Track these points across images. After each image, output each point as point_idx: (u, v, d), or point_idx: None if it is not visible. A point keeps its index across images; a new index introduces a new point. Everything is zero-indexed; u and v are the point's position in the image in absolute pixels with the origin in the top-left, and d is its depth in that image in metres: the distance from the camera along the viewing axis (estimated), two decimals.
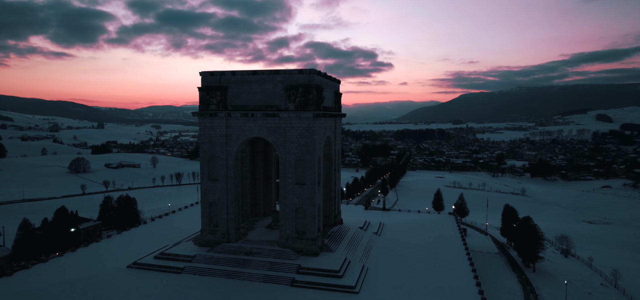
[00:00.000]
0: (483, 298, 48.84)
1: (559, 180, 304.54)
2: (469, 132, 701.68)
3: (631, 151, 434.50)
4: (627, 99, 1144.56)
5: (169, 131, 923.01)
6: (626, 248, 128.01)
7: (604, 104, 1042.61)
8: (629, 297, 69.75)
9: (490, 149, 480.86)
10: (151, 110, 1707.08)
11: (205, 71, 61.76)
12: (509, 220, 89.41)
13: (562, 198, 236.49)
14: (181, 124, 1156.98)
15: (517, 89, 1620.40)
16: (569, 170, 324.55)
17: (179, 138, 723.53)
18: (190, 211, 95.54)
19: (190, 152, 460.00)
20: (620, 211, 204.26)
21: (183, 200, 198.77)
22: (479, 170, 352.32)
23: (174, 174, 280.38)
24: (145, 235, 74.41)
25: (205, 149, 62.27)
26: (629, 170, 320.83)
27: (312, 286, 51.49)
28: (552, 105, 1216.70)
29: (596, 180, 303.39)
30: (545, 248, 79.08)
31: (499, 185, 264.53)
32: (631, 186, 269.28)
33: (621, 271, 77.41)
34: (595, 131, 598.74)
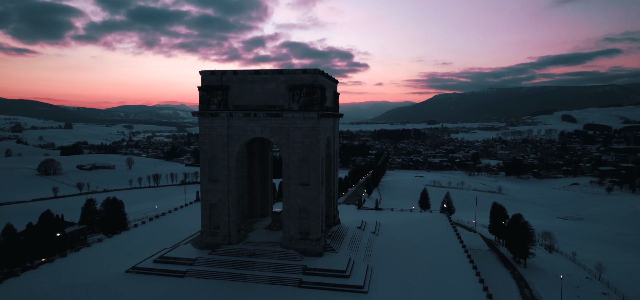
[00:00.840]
0: (488, 294, 50.14)
1: (531, 178, 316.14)
2: (444, 132, 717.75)
3: (595, 150, 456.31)
4: (589, 100, 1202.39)
5: (141, 131, 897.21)
6: (600, 243, 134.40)
7: (568, 105, 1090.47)
8: (614, 289, 73.32)
9: (465, 148, 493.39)
10: (122, 110, 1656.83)
11: (206, 70, 60.57)
12: (497, 218, 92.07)
13: (536, 196, 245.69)
14: (154, 124, 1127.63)
15: (488, 90, 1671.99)
16: (541, 168, 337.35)
17: (153, 138, 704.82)
18: (180, 213, 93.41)
19: (165, 152, 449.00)
20: (590, 207, 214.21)
21: (164, 202, 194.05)
22: (455, 170, 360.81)
23: (152, 175, 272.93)
24: (137, 239, 72.28)
25: (205, 150, 61.04)
26: (594, 168, 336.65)
27: (320, 287, 51.42)
28: (521, 106, 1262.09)
29: (565, 178, 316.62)
30: (537, 245, 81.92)
31: (476, 183, 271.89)
32: (597, 183, 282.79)
33: (603, 265, 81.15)
34: (562, 131, 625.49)
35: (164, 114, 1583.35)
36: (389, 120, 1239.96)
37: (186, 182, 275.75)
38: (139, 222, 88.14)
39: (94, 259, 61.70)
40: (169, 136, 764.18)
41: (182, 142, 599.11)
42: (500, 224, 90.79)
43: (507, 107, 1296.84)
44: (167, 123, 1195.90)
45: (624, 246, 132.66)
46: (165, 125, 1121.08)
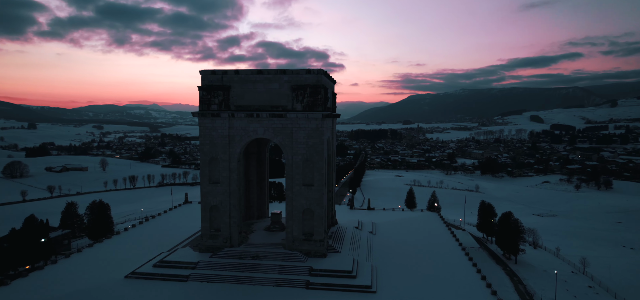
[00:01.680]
0: (493, 291, 51.51)
1: (505, 177, 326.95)
2: (420, 132, 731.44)
3: (562, 149, 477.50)
4: (554, 101, 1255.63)
5: (112, 132, 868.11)
6: (575, 238, 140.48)
7: (536, 106, 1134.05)
8: (598, 282, 76.91)
9: (440, 148, 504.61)
10: (91, 110, 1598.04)
11: (206, 69, 59.37)
12: (486, 216, 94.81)
13: (511, 193, 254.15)
14: (125, 124, 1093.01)
15: (460, 91, 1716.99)
16: (514, 167, 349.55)
17: (125, 139, 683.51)
18: (169, 216, 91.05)
19: (140, 153, 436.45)
20: (562, 204, 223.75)
21: (144, 204, 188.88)
22: (433, 169, 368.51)
23: (128, 177, 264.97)
24: (129, 244, 69.95)
25: (205, 151, 59.78)
26: (563, 166, 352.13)
27: (327, 288, 51.35)
28: (492, 106, 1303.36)
29: (537, 176, 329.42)
30: (526, 241, 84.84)
31: (454, 182, 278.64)
32: (566, 181, 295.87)
33: (587, 259, 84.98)
34: (531, 131, 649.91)
35: (135, 114, 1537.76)
36: (364, 121, 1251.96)
37: (164, 183, 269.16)
38: (129, 226, 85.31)
39: (87, 265, 59.27)
40: (141, 137, 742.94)
41: (156, 142, 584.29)
42: (488, 222, 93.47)
43: (479, 108, 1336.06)
44: (139, 123, 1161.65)
45: (598, 240, 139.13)
46: (137, 125, 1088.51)
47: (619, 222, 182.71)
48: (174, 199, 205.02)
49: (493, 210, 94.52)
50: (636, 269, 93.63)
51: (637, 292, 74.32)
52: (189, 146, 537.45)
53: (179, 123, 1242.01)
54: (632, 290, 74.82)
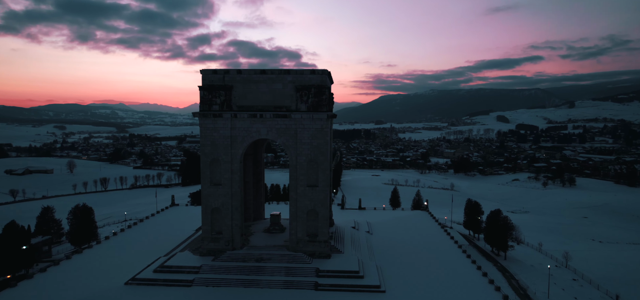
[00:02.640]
0: (496, 287, 53.17)
1: (477, 175, 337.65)
2: (392, 132, 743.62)
3: (528, 148, 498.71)
4: (519, 102, 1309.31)
5: (76, 132, 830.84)
6: (549, 233, 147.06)
7: (502, 106, 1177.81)
8: (580, 275, 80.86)
9: (413, 147, 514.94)
10: (51, 109, 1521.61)
11: (207, 69, 57.98)
12: (473, 214, 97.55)
13: (484, 191, 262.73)
14: (90, 124, 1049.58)
15: (430, 92, 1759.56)
16: (485, 166, 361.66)
17: (91, 140, 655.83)
18: (157, 220, 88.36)
19: (109, 155, 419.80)
20: (532, 201, 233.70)
21: (119, 207, 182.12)
22: (407, 168, 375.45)
23: (99, 179, 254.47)
24: (120, 249, 67.39)
25: (206, 152, 58.38)
26: (530, 165, 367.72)
27: (336, 288, 51.39)
28: (460, 106, 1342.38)
29: (506, 174, 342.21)
30: (514, 238, 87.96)
31: (430, 181, 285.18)
32: (534, 179, 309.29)
33: (570, 253, 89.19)
34: (499, 130, 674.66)
35: (101, 113, 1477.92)
36: (337, 121, 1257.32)
37: (137, 185, 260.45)
38: (115, 230, 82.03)
39: (81, 272, 56.56)
40: (108, 137, 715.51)
41: (125, 143, 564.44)
42: (476, 220, 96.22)
43: (448, 108, 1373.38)
44: (105, 123, 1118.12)
45: (569, 235, 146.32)
46: (103, 125, 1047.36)
47: (585, 217, 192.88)
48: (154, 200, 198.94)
49: (480, 208, 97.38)
50: (611, 261, 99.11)
51: (618, 284, 78.62)
52: (160, 147, 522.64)
53: (147, 123, 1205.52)
54: (613, 282, 79.09)
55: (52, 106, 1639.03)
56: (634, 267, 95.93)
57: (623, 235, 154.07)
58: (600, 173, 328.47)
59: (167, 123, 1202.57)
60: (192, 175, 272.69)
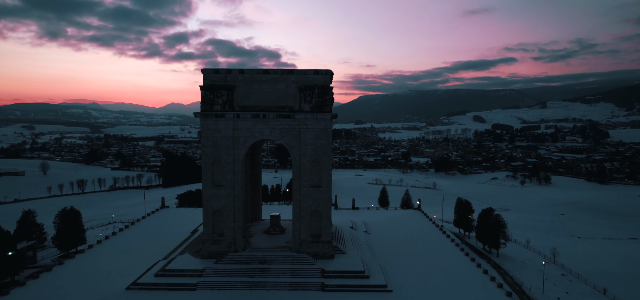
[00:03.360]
0: (498, 284, 54.42)
1: (457, 174, 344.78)
2: (373, 131, 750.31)
3: (504, 147, 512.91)
4: (494, 102, 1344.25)
5: (46, 132, 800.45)
6: (531, 230, 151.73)
7: (478, 107, 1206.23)
8: (568, 270, 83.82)
9: (394, 147, 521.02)
10: (19, 108, 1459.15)
11: (208, 68, 56.98)
12: (463, 212, 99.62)
13: (465, 190, 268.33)
14: (61, 124, 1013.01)
15: (408, 92, 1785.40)
16: (464, 165, 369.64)
17: (64, 140, 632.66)
18: (149, 222, 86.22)
19: (84, 155, 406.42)
20: (512, 199, 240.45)
21: (100, 210, 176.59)
22: (389, 167, 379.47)
23: (75, 181, 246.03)
24: (114, 253, 65.41)
25: (208, 153, 57.35)
26: (508, 163, 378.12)
27: (343, 289, 51.42)
28: (438, 107, 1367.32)
29: (485, 173, 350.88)
30: (511, 236, 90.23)
31: (412, 180, 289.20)
32: (512, 177, 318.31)
33: (557, 250, 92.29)
34: (476, 130, 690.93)
35: (73, 113, 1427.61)
36: None
37: (117, 187, 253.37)
38: (108, 234, 79.55)
39: (78, 277, 54.54)
40: (82, 138, 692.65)
41: (100, 144, 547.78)
42: (466, 218, 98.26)
43: (426, 108, 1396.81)
44: (77, 123, 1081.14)
45: (549, 231, 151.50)
46: (76, 125, 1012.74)
47: (562, 213, 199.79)
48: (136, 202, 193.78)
49: (470, 207, 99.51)
50: (592, 256, 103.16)
51: (602, 278, 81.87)
52: (138, 147, 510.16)
53: (122, 123, 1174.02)
54: (598, 276, 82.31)
55: (20, 105, 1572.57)
56: (614, 262, 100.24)
57: (599, 230, 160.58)
58: (572, 171, 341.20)
59: (144, 123, 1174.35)
60: (173, 176, 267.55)
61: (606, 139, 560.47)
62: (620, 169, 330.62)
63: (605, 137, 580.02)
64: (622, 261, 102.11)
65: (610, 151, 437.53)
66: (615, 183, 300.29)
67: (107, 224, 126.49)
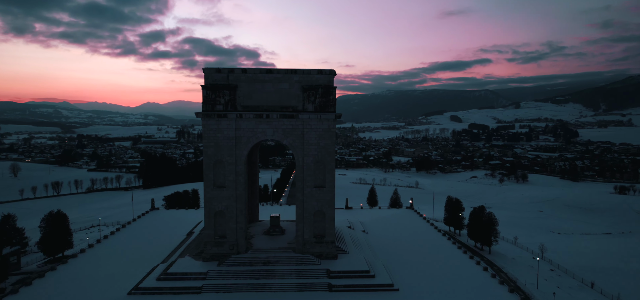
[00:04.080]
0: (501, 281, 55.67)
1: (438, 173, 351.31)
2: (353, 131, 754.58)
3: (482, 146, 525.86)
4: (470, 102, 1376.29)
5: (13, 132, 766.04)
6: (513, 227, 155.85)
7: (454, 107, 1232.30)
8: (556, 266, 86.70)
9: (375, 147, 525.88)
10: None
11: (210, 68, 55.88)
12: (454, 211, 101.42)
13: (446, 188, 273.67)
14: (30, 124, 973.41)
15: (387, 92, 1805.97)
16: (444, 164, 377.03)
17: (33, 141, 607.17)
18: (140, 225, 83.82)
19: (57, 157, 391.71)
20: (492, 197, 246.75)
21: (79, 213, 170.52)
22: (371, 167, 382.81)
23: (50, 183, 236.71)
24: (109, 257, 63.30)
25: (209, 154, 56.26)
26: (486, 162, 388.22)
27: (350, 289, 51.45)
28: (416, 107, 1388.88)
29: (465, 171, 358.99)
30: (499, 233, 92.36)
31: (395, 179, 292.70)
32: (490, 175, 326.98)
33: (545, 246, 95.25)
34: (453, 130, 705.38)
35: (41, 112, 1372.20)
36: None
37: (95, 189, 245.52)
38: (100, 238, 76.82)
39: (75, 283, 52.48)
40: (53, 138, 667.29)
41: (73, 144, 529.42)
42: (457, 216, 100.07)
43: (404, 108, 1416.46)
44: (47, 123, 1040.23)
45: (531, 228, 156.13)
46: (45, 125, 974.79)
47: (540, 210, 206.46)
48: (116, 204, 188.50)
49: (461, 205, 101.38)
50: (575, 252, 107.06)
51: (588, 272, 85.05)
52: (114, 148, 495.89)
53: (96, 123, 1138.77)
54: (583, 271, 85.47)
55: None
56: (596, 256, 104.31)
57: (576, 226, 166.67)
58: (547, 169, 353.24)
59: (118, 123, 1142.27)
60: (153, 177, 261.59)
61: (576, 138, 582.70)
62: (590, 166, 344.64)
63: (575, 136, 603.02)
64: (603, 256, 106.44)
65: (581, 150, 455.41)
66: (586, 180, 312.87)
67: (90, 227, 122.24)
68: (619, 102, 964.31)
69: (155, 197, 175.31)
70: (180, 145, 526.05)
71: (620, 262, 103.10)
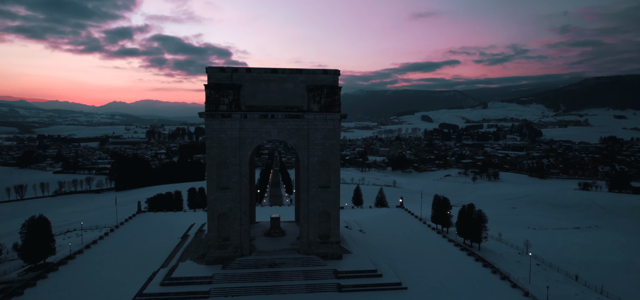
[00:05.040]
0: (503, 276, 57.36)
1: (413, 172, 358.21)
2: None
3: (453, 146, 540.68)
4: (440, 103, 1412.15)
5: None
6: (492, 224, 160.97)
7: (425, 107, 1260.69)
8: (541, 260, 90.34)
9: (350, 146, 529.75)
10: None
11: (213, 66, 54.49)
12: (441, 209, 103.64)
13: (423, 187, 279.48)
14: None
15: (359, 92, 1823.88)
16: (419, 163, 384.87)
17: None
18: (128, 229, 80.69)
19: (18, 158, 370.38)
20: (467, 194, 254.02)
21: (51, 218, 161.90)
22: (347, 166, 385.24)
23: (12, 186, 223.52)
24: (102, 264, 60.58)
25: (213, 155, 54.84)
26: (458, 161, 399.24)
27: (360, 289, 51.56)
28: (388, 107, 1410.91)
29: (438, 170, 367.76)
30: (488, 230, 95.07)
31: (372, 178, 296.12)
32: (463, 174, 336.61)
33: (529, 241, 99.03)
34: (425, 129, 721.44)
35: None
36: None
37: (63, 192, 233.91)
38: (90, 244, 73.28)
39: (72, 292, 49.78)
40: (10, 138, 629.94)
41: (34, 145, 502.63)
42: (445, 214, 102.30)
43: (377, 108, 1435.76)
44: (2, 122, 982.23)
45: (508, 225, 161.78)
46: (1, 125, 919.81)
47: (514, 207, 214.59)
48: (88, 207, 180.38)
49: (449, 204, 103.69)
50: (553, 246, 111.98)
51: (569, 265, 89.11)
52: (80, 149, 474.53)
53: (58, 122, 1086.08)
54: (565, 265, 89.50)
55: None
56: (573, 250, 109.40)
57: (547, 222, 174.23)
58: (516, 167, 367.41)
59: (83, 123, 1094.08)
60: (126, 178, 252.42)
61: (540, 137, 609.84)
62: (555, 164, 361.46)
63: (539, 135, 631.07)
64: (578, 249, 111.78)
65: (545, 149, 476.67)
66: (552, 178, 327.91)
67: (66, 232, 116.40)
68: (576, 104, 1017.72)
69: (130, 200, 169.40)
70: (151, 146, 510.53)
71: (595, 255, 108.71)
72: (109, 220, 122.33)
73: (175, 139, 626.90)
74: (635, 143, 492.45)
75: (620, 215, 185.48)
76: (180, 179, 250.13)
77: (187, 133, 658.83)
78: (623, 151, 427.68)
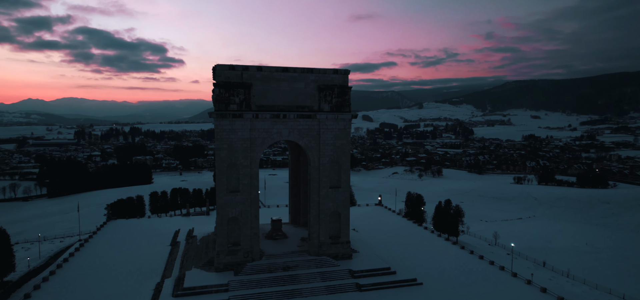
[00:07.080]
0: (500, 266, 61.07)
1: (362, 170, 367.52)
2: None
3: (395, 144, 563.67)
4: (378, 103, 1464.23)
5: None
6: None
7: (365, 107, 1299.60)
8: (509, 250, 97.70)
9: None
10: None
11: (222, 64, 51.73)
12: (415, 205, 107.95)
13: (374, 185, 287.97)
14: None
15: None
16: (367, 161, 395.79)
17: None
18: (105, 239, 73.64)
19: None
20: (417, 191, 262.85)
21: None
22: None
23: None
24: (89, 279, 54.92)
25: (222, 157, 52.07)
26: (403, 159, 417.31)
27: (378, 287, 52.03)
28: None
29: (386, 168, 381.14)
30: (465, 224, 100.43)
31: None
32: (409, 171, 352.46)
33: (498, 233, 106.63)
34: (368, 128, 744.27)
35: None
36: (207, 120, 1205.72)
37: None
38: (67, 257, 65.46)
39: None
40: None
41: None
42: (419, 210, 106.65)
43: None
44: None
45: None
46: None
47: (462, 201, 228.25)
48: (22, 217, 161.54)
49: (422, 200, 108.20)
50: (511, 236, 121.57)
51: (534, 252, 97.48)
52: None
53: None
54: (529, 252, 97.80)
55: None
56: (526, 239, 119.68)
57: (494, 214, 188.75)
58: (456, 164, 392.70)
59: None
60: (59, 184, 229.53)
61: (472, 136, 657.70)
62: (490, 161, 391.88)
63: (471, 133, 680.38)
64: (531, 238, 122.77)
65: (479, 146, 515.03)
66: (489, 173, 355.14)
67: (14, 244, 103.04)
68: (500, 104, 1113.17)
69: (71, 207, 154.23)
70: (82, 148, 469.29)
71: (546, 242, 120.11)
72: (47, 231, 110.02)
73: (109, 140, 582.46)
74: (551, 141, 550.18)
75: (551, 205, 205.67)
76: (124, 183, 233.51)
77: (122, 133, 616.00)
78: (543, 148, 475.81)
